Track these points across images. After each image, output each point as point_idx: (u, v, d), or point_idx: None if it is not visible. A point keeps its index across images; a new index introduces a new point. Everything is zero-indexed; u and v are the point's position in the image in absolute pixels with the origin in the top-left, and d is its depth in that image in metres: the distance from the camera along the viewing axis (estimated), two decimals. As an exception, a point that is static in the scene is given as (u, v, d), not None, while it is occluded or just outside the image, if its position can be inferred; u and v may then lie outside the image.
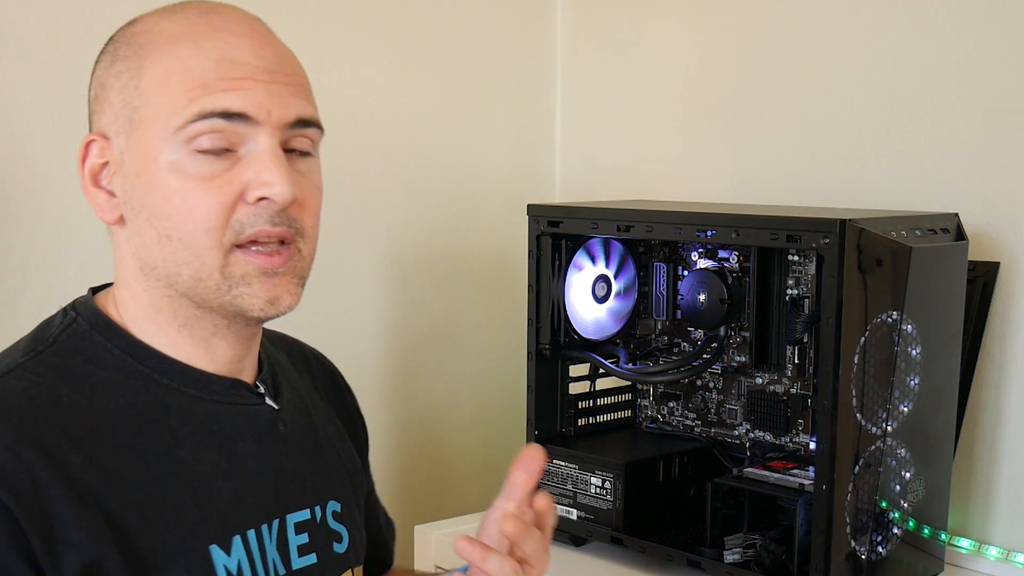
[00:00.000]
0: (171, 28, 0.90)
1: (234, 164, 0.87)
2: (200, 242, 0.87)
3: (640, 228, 1.34)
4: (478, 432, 1.84)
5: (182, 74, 0.87)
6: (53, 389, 0.87)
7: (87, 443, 0.85)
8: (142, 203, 0.89)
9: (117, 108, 0.90)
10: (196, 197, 0.87)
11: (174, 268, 0.89)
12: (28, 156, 1.38)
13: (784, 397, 1.36)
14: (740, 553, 1.27)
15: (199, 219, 0.87)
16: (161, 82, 0.88)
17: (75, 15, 1.40)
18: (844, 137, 1.52)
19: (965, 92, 1.40)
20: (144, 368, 0.91)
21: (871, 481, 1.21)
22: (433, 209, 1.77)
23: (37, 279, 1.39)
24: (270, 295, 0.89)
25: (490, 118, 1.83)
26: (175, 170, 0.87)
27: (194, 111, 0.86)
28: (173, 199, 0.87)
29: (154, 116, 0.88)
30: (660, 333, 1.51)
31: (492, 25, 1.82)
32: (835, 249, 1.15)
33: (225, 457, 0.92)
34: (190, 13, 0.91)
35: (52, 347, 0.90)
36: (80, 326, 0.92)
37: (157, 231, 0.88)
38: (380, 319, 1.72)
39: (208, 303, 0.90)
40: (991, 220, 1.37)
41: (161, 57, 0.89)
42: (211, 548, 0.89)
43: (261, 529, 0.93)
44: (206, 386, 0.93)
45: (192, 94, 0.86)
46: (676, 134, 1.74)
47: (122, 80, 0.90)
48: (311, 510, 0.99)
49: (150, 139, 0.88)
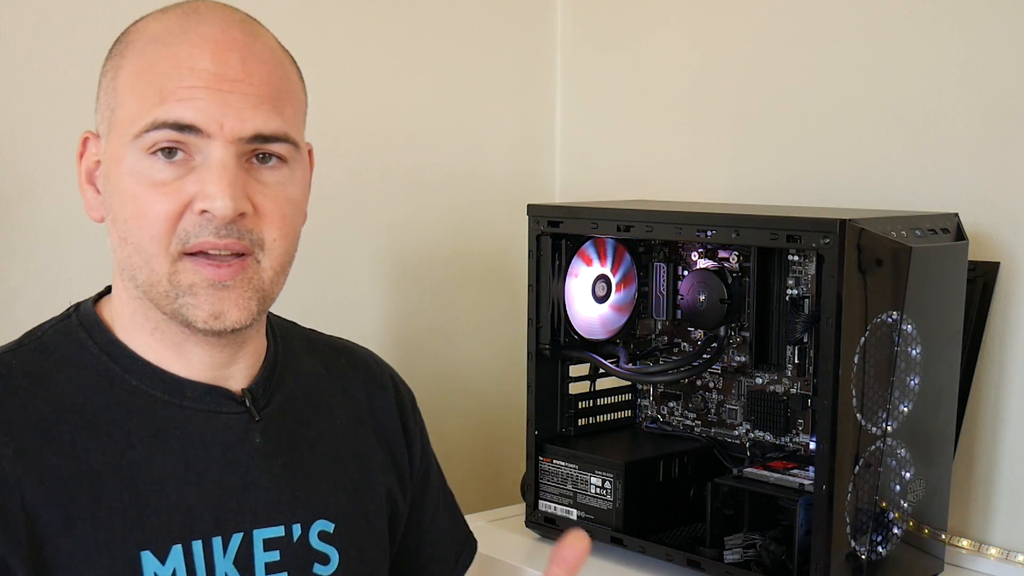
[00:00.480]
0: (153, 28, 0.90)
1: (188, 172, 0.87)
2: (148, 248, 0.87)
3: (640, 228, 1.34)
4: (478, 432, 1.84)
5: (147, 79, 0.87)
6: (12, 382, 0.88)
7: (26, 438, 0.86)
8: (109, 204, 0.90)
9: (102, 108, 0.91)
10: (146, 203, 0.86)
11: (131, 272, 0.89)
12: (28, 156, 1.38)
13: (784, 397, 1.36)
14: (740, 553, 1.27)
15: (146, 224, 0.86)
16: (131, 84, 0.88)
17: (75, 15, 1.40)
18: (844, 137, 1.52)
19: (965, 92, 1.40)
20: (116, 367, 0.91)
21: (871, 481, 1.21)
22: (433, 209, 1.77)
23: (37, 279, 1.39)
24: (215, 308, 0.87)
25: (490, 118, 1.83)
26: (133, 174, 0.87)
27: (149, 120, 0.86)
28: (128, 203, 0.87)
29: (122, 119, 0.88)
30: (660, 333, 1.51)
31: (492, 25, 1.82)
32: (835, 249, 1.15)
33: (182, 464, 0.90)
34: (176, 13, 0.90)
35: (37, 340, 0.92)
36: (71, 323, 0.93)
37: (119, 233, 0.89)
38: (380, 319, 1.72)
39: (161, 309, 0.89)
40: (991, 220, 1.37)
41: (134, 58, 0.89)
42: (143, 554, 0.87)
43: (212, 541, 0.90)
44: (177, 390, 0.92)
45: (150, 101, 0.86)
46: (676, 134, 1.74)
47: (107, 79, 0.91)
48: (286, 527, 0.95)
49: (118, 141, 0.89)
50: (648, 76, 1.77)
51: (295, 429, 0.99)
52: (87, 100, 1.38)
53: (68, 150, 1.40)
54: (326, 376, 1.05)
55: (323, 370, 1.05)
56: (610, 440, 1.51)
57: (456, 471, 1.82)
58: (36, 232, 1.39)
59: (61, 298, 0.98)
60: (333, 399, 1.04)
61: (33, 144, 1.38)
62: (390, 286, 1.73)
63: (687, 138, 1.72)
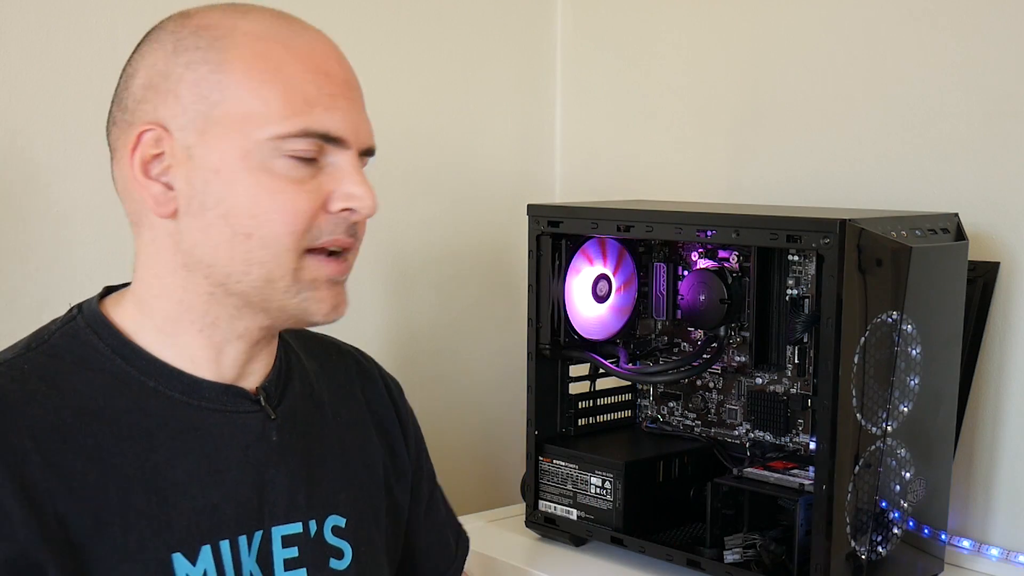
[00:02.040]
0: (249, 26, 0.89)
1: (318, 172, 0.89)
2: (282, 243, 0.88)
3: (640, 228, 1.34)
4: (478, 432, 1.84)
5: (279, 79, 0.87)
6: (28, 386, 0.87)
7: (52, 443, 0.85)
8: (218, 199, 0.87)
9: (187, 101, 0.87)
10: (287, 198, 0.87)
11: (243, 267, 0.88)
12: (29, 155, 1.38)
13: (784, 397, 1.36)
14: (740, 553, 1.27)
15: (288, 220, 0.87)
16: (252, 81, 0.87)
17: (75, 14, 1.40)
18: (844, 137, 1.52)
19: (965, 92, 1.40)
20: (131, 369, 0.90)
21: (871, 481, 1.21)
22: (433, 209, 1.77)
23: (37, 279, 1.39)
24: (334, 302, 0.92)
25: (490, 118, 1.83)
26: (265, 170, 0.87)
27: (299, 127, 0.87)
28: (261, 198, 0.87)
29: (243, 115, 0.86)
30: (660, 333, 1.51)
31: (492, 25, 1.82)
32: (835, 249, 1.15)
33: (205, 464, 0.91)
34: (266, 14, 0.90)
35: (46, 344, 0.90)
36: (77, 324, 0.92)
37: (232, 229, 0.87)
38: (380, 319, 1.72)
39: (268, 304, 0.90)
40: (991, 220, 1.37)
41: (246, 54, 0.87)
42: (174, 556, 0.87)
43: (238, 540, 0.91)
44: (194, 391, 0.91)
45: (295, 107, 0.87)
46: (676, 134, 1.74)
47: (197, 72, 0.87)
48: (304, 523, 0.96)
49: (234, 136, 0.87)
50: (648, 76, 1.77)
51: (306, 426, 1.00)
52: (87, 99, 1.39)
53: (69, 149, 1.41)
54: (321, 372, 1.06)
55: (318, 366, 1.06)
56: (610, 440, 1.51)
57: (456, 471, 1.82)
58: (36, 232, 1.39)
59: (61, 298, 0.97)
60: (333, 395, 1.05)
61: (34, 143, 1.38)
62: (390, 286, 1.73)
63: (687, 138, 1.72)
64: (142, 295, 0.92)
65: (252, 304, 0.90)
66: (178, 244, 0.90)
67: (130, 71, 0.91)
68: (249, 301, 0.90)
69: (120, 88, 0.92)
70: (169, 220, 0.89)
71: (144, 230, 0.92)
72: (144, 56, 0.90)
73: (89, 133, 1.38)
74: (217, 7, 0.91)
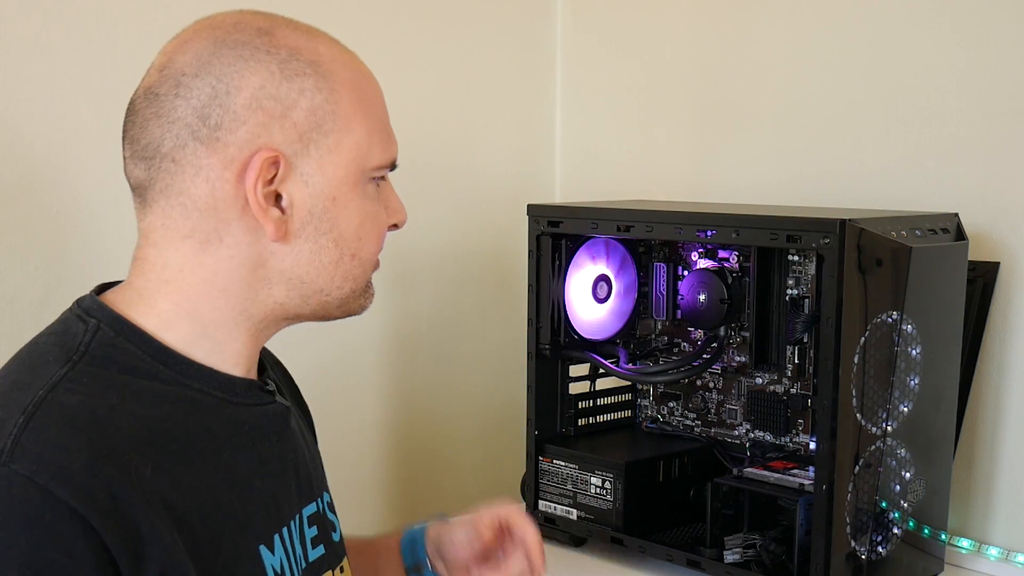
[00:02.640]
0: (329, 52, 0.92)
1: (378, 192, 0.97)
2: (373, 260, 0.97)
3: (640, 228, 1.34)
4: (478, 432, 1.84)
5: (372, 113, 0.94)
6: (106, 400, 0.85)
7: (152, 452, 0.84)
8: (332, 224, 0.92)
9: (303, 127, 0.89)
10: (381, 221, 0.97)
11: (340, 283, 0.94)
12: (28, 155, 1.38)
13: (784, 397, 1.36)
14: (740, 553, 1.27)
15: (379, 239, 0.97)
16: (360, 115, 0.92)
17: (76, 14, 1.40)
18: (844, 137, 1.52)
19: (965, 92, 1.40)
20: (175, 375, 0.90)
21: (871, 481, 1.21)
22: (433, 209, 1.77)
23: (37, 279, 1.39)
24: (372, 292, 1.00)
25: (490, 118, 1.83)
26: (367, 196, 0.94)
27: (390, 158, 0.96)
28: (366, 223, 0.94)
29: (354, 145, 0.91)
30: (660, 333, 1.51)
31: (492, 25, 1.82)
32: (835, 249, 1.15)
33: (256, 457, 0.93)
34: (323, 37, 0.94)
35: (85, 356, 0.87)
36: (106, 333, 0.89)
37: (341, 251, 0.93)
38: (380, 319, 1.72)
39: (335, 310, 0.97)
40: (991, 220, 1.37)
41: (348, 84, 0.92)
42: (260, 548, 0.89)
43: (291, 525, 0.95)
44: (230, 388, 0.93)
45: (384, 137, 0.95)
46: (676, 134, 1.74)
47: (313, 100, 0.89)
48: (316, 502, 1.01)
49: (348, 165, 0.91)
50: (648, 76, 1.77)
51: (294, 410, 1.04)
52: (87, 99, 1.39)
53: (68, 149, 1.41)
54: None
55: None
56: (610, 440, 1.51)
57: (456, 471, 1.82)
58: (36, 231, 1.39)
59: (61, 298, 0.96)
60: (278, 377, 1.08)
61: (33, 143, 1.38)
62: (390, 286, 1.72)
63: (687, 138, 1.72)
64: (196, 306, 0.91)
65: (318, 311, 0.96)
66: (266, 262, 0.91)
67: (221, 87, 0.87)
68: (322, 309, 0.95)
69: (204, 101, 0.88)
70: (279, 243, 0.91)
71: (222, 247, 0.90)
72: (243, 74, 0.87)
73: (89, 133, 1.38)
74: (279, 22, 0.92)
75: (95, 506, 0.78)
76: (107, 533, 0.78)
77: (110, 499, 0.79)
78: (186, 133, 0.88)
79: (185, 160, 0.88)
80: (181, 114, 0.88)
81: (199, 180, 0.88)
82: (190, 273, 0.91)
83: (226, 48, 0.88)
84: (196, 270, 0.91)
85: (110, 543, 0.78)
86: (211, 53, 0.88)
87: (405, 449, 1.76)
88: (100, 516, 0.78)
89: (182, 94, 0.88)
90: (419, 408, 1.78)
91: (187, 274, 0.91)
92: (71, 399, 0.83)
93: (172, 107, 0.88)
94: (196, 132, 0.87)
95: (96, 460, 0.80)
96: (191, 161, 0.88)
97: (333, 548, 1.02)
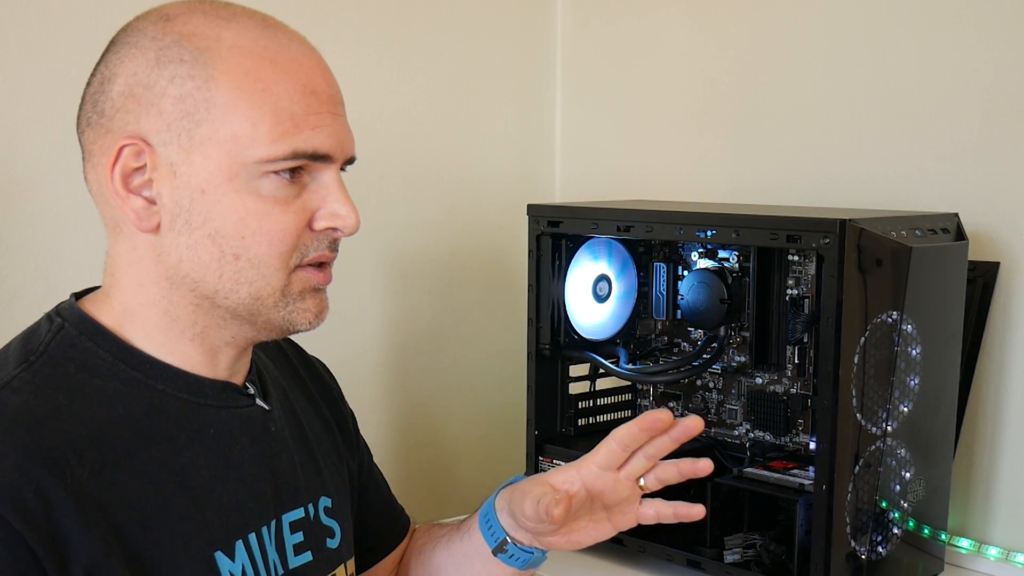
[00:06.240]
0: (234, 38, 0.86)
1: (302, 190, 0.89)
2: (271, 263, 0.88)
3: (640, 228, 1.34)
4: (478, 432, 1.84)
5: (268, 101, 0.86)
6: (51, 400, 0.84)
7: (92, 454, 0.83)
8: (204, 219, 0.87)
9: (171, 116, 0.86)
10: (273, 220, 0.87)
11: (232, 285, 0.88)
12: (28, 155, 1.38)
13: (784, 397, 1.36)
14: (740, 553, 1.27)
15: (275, 241, 0.88)
16: (240, 102, 0.85)
17: (76, 14, 1.40)
18: (844, 137, 1.52)
19: (965, 92, 1.40)
20: (137, 374, 0.89)
21: (871, 481, 1.21)
22: (433, 209, 1.77)
23: (37, 279, 1.39)
24: (318, 308, 0.92)
25: (491, 119, 1.83)
26: (252, 191, 0.86)
27: (287, 149, 0.86)
28: (249, 220, 0.87)
29: (231, 136, 0.85)
30: (660, 333, 1.51)
31: (492, 26, 1.82)
32: (835, 249, 1.15)
33: (223, 461, 0.92)
34: (249, 23, 0.88)
35: (43, 356, 0.87)
36: (68, 332, 0.89)
37: (220, 249, 0.87)
38: (380, 319, 1.72)
39: (256, 318, 0.90)
40: (991, 220, 1.37)
41: (233, 72, 0.85)
42: (216, 555, 0.88)
43: (261, 532, 0.93)
44: (199, 390, 0.92)
45: (282, 128, 0.86)
46: (676, 134, 1.74)
47: (182, 87, 0.85)
48: (304, 508, 0.99)
49: (221, 157, 0.86)
50: (648, 76, 1.77)
51: (287, 414, 1.02)
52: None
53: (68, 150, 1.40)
54: (270, 361, 1.08)
55: (265, 356, 1.07)
56: (610, 440, 1.50)
57: (456, 471, 1.82)
58: (36, 232, 1.39)
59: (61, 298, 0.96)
60: (288, 381, 1.07)
61: (33, 144, 1.38)
62: (390, 287, 1.73)
63: (687, 138, 1.73)
64: (128, 303, 0.91)
65: (239, 316, 0.90)
66: (160, 257, 0.89)
67: (107, 73, 0.88)
68: (237, 314, 0.90)
69: (95, 88, 0.89)
70: (152, 235, 0.88)
71: (122, 239, 0.90)
72: (124, 61, 0.88)
73: (89, 133, 1.38)
74: (198, 9, 0.88)
75: (23, 511, 0.78)
76: (32, 536, 0.77)
77: (38, 501, 0.79)
78: (84, 120, 0.90)
79: (87, 148, 0.91)
80: (86, 102, 0.91)
81: (96, 170, 0.90)
82: (121, 268, 0.91)
83: (123, 35, 0.90)
84: (121, 267, 0.91)
85: (35, 546, 0.77)
86: (113, 41, 0.90)
87: (405, 449, 1.76)
88: (26, 521, 0.77)
89: (91, 83, 0.91)
90: (419, 408, 1.78)
91: (120, 268, 0.91)
92: (13, 400, 0.83)
93: (84, 96, 0.91)
94: (90, 119, 0.90)
95: (26, 461, 0.80)
96: (88, 148, 0.91)
97: (325, 554, 1.00)
